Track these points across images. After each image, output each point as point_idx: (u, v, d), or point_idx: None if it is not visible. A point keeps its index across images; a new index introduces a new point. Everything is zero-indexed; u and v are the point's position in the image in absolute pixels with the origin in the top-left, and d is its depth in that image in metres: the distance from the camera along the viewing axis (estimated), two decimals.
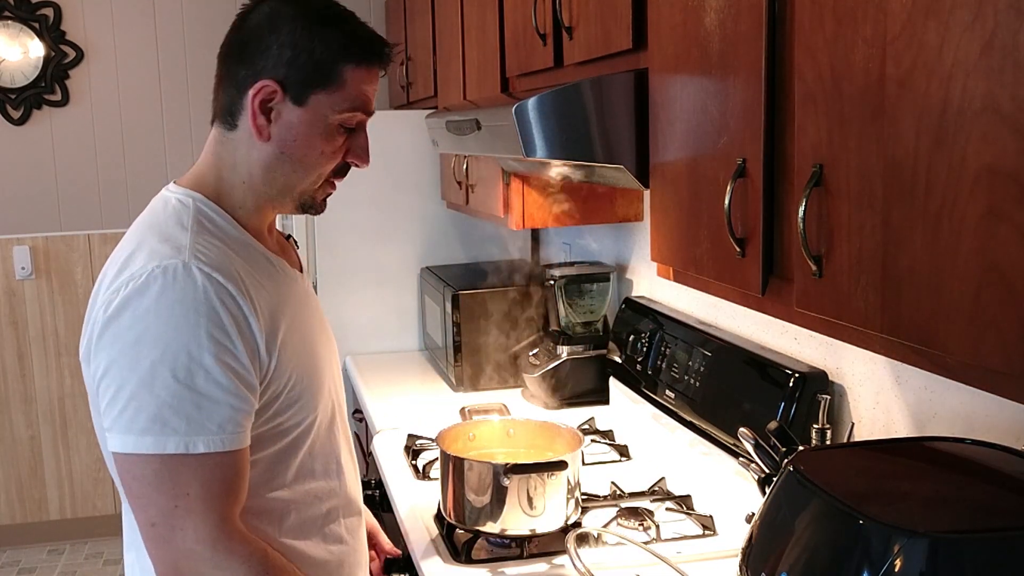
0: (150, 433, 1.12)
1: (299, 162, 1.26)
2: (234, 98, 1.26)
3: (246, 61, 1.24)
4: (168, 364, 1.12)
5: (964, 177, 0.84)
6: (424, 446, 2.18)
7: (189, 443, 1.13)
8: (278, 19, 1.24)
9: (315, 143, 1.26)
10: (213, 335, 1.14)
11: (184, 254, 1.17)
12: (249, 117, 1.24)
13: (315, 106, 1.24)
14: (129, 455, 1.14)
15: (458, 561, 1.64)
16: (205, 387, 1.14)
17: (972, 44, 0.82)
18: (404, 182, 3.11)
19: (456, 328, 2.67)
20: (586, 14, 1.69)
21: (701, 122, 1.32)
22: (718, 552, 1.63)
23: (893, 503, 0.96)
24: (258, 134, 1.25)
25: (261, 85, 1.23)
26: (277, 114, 1.24)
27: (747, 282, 1.24)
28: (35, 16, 3.85)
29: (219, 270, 1.17)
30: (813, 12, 1.05)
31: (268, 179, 1.27)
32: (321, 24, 1.24)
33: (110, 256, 1.27)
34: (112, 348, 1.14)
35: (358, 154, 1.31)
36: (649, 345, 2.18)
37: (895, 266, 0.95)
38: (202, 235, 1.22)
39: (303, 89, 1.23)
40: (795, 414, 1.62)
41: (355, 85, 1.26)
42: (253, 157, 1.27)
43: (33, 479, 4.11)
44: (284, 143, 1.25)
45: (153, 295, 1.14)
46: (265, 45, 1.23)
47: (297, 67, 1.22)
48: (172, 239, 1.19)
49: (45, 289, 4.03)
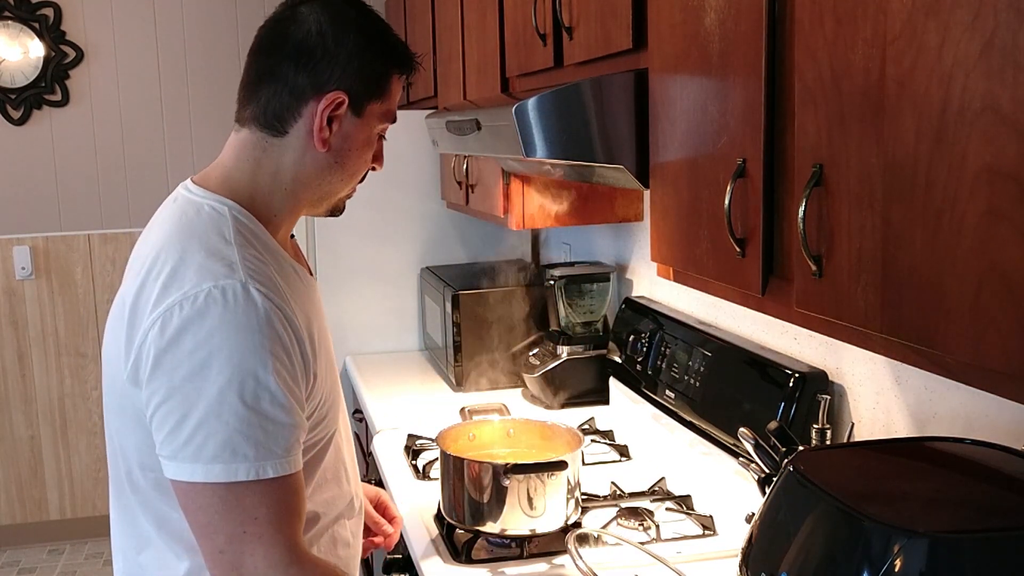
0: (219, 461, 1.09)
1: (347, 170, 1.27)
2: (288, 104, 1.22)
3: (309, 69, 1.21)
4: (236, 389, 1.09)
5: (964, 177, 0.84)
6: (424, 446, 2.18)
7: (259, 469, 1.11)
8: (338, 25, 1.21)
9: (364, 152, 1.28)
10: (276, 356, 1.12)
11: (239, 273, 1.13)
12: (313, 127, 1.22)
13: (368, 117, 1.25)
14: (195, 484, 1.11)
15: (458, 561, 1.64)
16: (271, 411, 1.11)
17: (972, 44, 0.82)
18: (404, 182, 3.11)
19: (456, 328, 2.67)
20: (586, 14, 1.69)
21: (701, 122, 1.32)
22: (718, 552, 1.64)
23: (893, 503, 0.96)
24: (322, 144, 1.23)
25: (333, 97, 1.21)
26: (339, 124, 1.23)
27: (747, 282, 1.24)
28: (35, 16, 3.85)
29: (273, 291, 1.15)
30: (813, 12, 1.05)
31: (315, 185, 1.26)
32: (377, 35, 1.25)
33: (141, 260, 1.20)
34: (175, 374, 1.10)
35: (378, 158, 1.33)
36: (649, 345, 2.18)
37: (895, 266, 0.95)
38: (247, 249, 1.18)
39: (363, 100, 1.24)
40: (795, 414, 1.62)
41: (394, 95, 1.29)
42: (306, 164, 1.24)
43: (33, 479, 4.11)
44: (340, 152, 1.25)
45: (215, 318, 1.10)
46: (333, 54, 1.21)
47: (362, 78, 1.23)
48: (220, 255, 1.15)
49: (45, 289, 4.03)
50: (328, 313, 3.33)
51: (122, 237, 4.06)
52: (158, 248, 1.18)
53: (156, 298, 1.13)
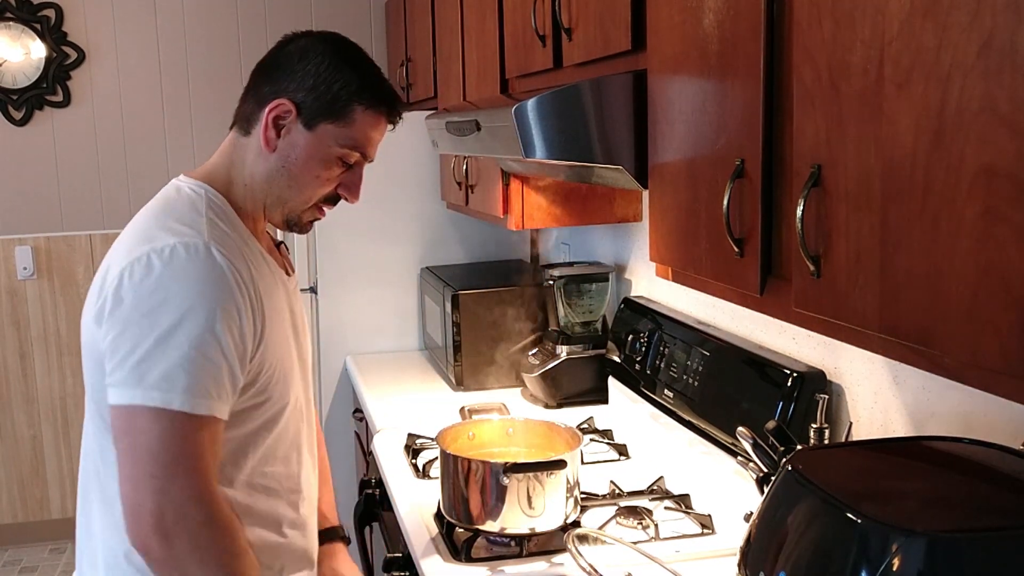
0: (159, 389, 1.20)
1: (295, 179, 1.37)
2: (254, 109, 1.38)
3: (272, 80, 1.37)
4: (185, 329, 1.21)
5: (962, 178, 0.85)
6: (424, 445, 2.19)
7: (194, 404, 1.21)
8: (310, 50, 1.37)
9: (313, 167, 1.37)
10: (228, 310, 1.25)
11: (204, 235, 1.27)
12: (260, 127, 1.36)
13: (321, 134, 1.36)
14: (135, 408, 1.21)
15: (458, 560, 1.64)
16: (215, 356, 1.23)
17: (970, 45, 0.83)
18: (404, 182, 3.12)
19: (456, 328, 2.68)
20: (585, 15, 1.69)
21: (700, 123, 1.33)
22: (716, 551, 1.64)
23: (891, 502, 0.96)
24: (266, 144, 1.36)
25: (278, 102, 1.34)
26: (287, 131, 1.36)
27: (745, 282, 1.24)
28: (37, 17, 3.86)
29: (234, 256, 1.29)
30: (811, 13, 1.06)
31: (265, 188, 1.38)
32: (346, 64, 1.36)
33: (118, 239, 1.34)
34: (133, 311, 1.22)
35: (349, 188, 1.42)
36: (648, 345, 2.18)
37: (893, 266, 0.95)
38: (215, 223, 1.32)
39: (315, 116, 1.35)
40: (793, 413, 1.62)
41: (361, 126, 1.37)
42: (259, 164, 1.38)
43: (35, 478, 4.11)
44: (286, 159, 1.36)
45: (178, 266, 1.23)
46: (292, 70, 1.36)
47: (315, 95, 1.35)
48: (190, 222, 1.30)
49: (47, 289, 4.03)
50: (328, 313, 3.34)
51: None
52: (139, 220, 1.35)
53: (127, 252, 1.27)
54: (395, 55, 3.82)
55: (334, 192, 1.41)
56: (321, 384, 3.14)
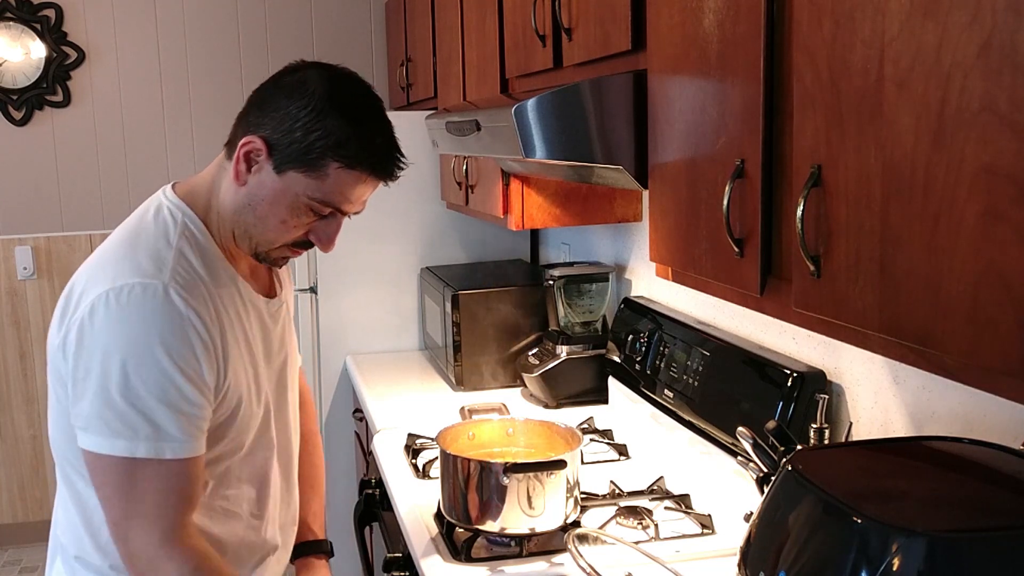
0: (122, 437, 1.22)
1: (260, 219, 1.32)
2: (236, 134, 1.33)
3: (260, 110, 1.30)
4: (143, 375, 1.22)
5: (962, 177, 0.85)
6: (424, 445, 2.19)
7: (158, 448, 1.23)
8: (301, 89, 1.27)
9: (279, 211, 1.30)
10: (183, 352, 1.24)
11: (165, 275, 1.26)
12: (234, 159, 1.31)
13: (289, 181, 1.28)
14: (101, 456, 1.24)
15: (458, 560, 1.64)
16: (175, 398, 1.23)
17: (970, 45, 0.83)
18: (404, 182, 3.07)
19: (456, 328, 2.68)
20: (585, 15, 1.69)
21: (700, 123, 1.33)
22: (716, 551, 1.64)
23: (891, 502, 0.96)
24: (236, 177, 1.31)
25: (251, 139, 1.28)
26: (258, 168, 1.30)
27: (745, 282, 1.24)
28: (37, 17, 3.86)
29: (193, 296, 1.27)
30: (811, 13, 1.06)
31: (232, 219, 1.34)
32: (333, 113, 1.26)
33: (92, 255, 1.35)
34: (92, 356, 1.23)
35: (320, 238, 1.35)
36: (648, 345, 2.18)
37: (893, 266, 0.95)
38: (183, 255, 1.30)
39: (285, 161, 1.27)
40: (793, 413, 1.62)
41: (336, 183, 1.28)
42: (229, 194, 1.34)
43: (35, 478, 4.11)
44: (253, 196, 1.31)
45: (133, 311, 1.23)
46: (278, 106, 1.28)
47: (289, 139, 1.26)
48: (156, 256, 1.28)
49: (47, 289, 4.03)
50: (328, 313, 3.33)
51: None
52: (112, 240, 1.35)
53: (91, 283, 1.26)
54: (395, 55, 3.82)
55: (304, 238, 1.35)
56: (321, 384, 3.14)
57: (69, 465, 1.35)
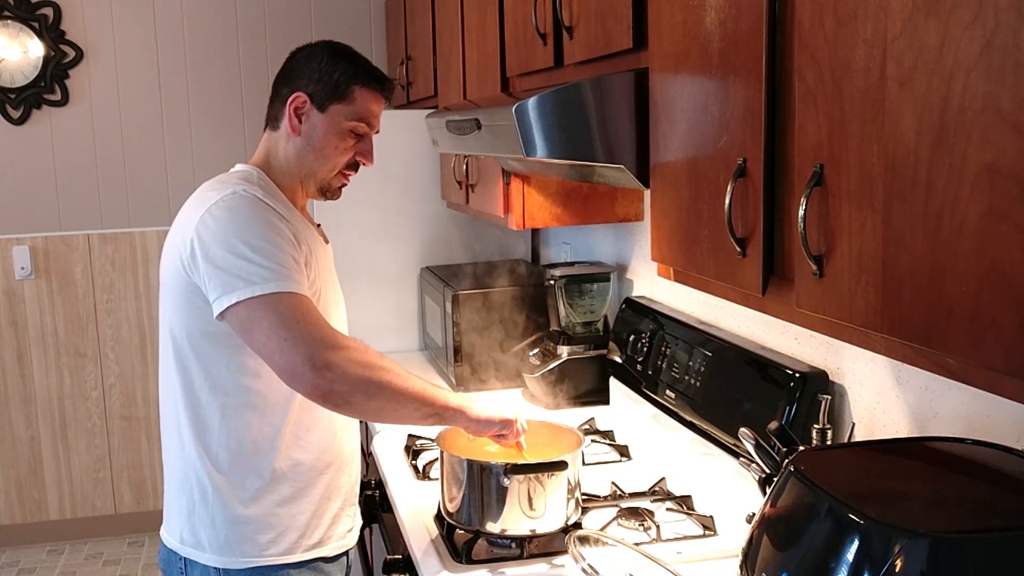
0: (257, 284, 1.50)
1: (319, 152, 1.71)
2: (279, 108, 1.73)
3: (287, 82, 1.73)
4: (259, 246, 1.52)
5: (965, 177, 0.84)
6: (424, 446, 2.18)
7: (285, 285, 1.50)
8: (311, 54, 1.73)
9: (331, 140, 1.71)
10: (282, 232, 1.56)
11: (254, 190, 1.61)
12: (286, 118, 1.71)
13: (332, 114, 1.70)
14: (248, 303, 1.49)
15: (458, 561, 1.64)
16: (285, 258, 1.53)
17: (973, 44, 0.82)
18: (404, 182, 3.11)
19: (456, 328, 2.67)
20: (586, 14, 1.69)
21: (701, 122, 1.32)
22: (718, 552, 1.63)
23: (894, 503, 0.96)
24: (292, 130, 1.71)
25: (295, 96, 1.70)
26: (306, 117, 1.70)
27: (747, 282, 1.24)
28: (35, 16, 3.85)
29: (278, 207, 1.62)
30: (813, 12, 1.05)
31: (298, 164, 1.72)
32: (342, 58, 1.72)
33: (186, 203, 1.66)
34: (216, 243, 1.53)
35: (364, 153, 1.76)
36: (649, 345, 2.18)
37: (895, 266, 0.95)
38: (267, 194, 1.64)
39: (325, 100, 1.70)
40: (796, 414, 1.62)
41: (362, 102, 1.72)
42: (289, 148, 1.72)
43: (33, 479, 4.11)
44: (310, 138, 1.71)
45: (241, 206, 1.57)
46: (301, 71, 1.72)
47: (322, 84, 1.70)
48: (244, 182, 1.64)
49: (45, 289, 4.03)
50: None
51: (122, 237, 4.07)
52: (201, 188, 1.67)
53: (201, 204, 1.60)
54: (395, 54, 3.82)
55: (353, 159, 1.74)
56: None
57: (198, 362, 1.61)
